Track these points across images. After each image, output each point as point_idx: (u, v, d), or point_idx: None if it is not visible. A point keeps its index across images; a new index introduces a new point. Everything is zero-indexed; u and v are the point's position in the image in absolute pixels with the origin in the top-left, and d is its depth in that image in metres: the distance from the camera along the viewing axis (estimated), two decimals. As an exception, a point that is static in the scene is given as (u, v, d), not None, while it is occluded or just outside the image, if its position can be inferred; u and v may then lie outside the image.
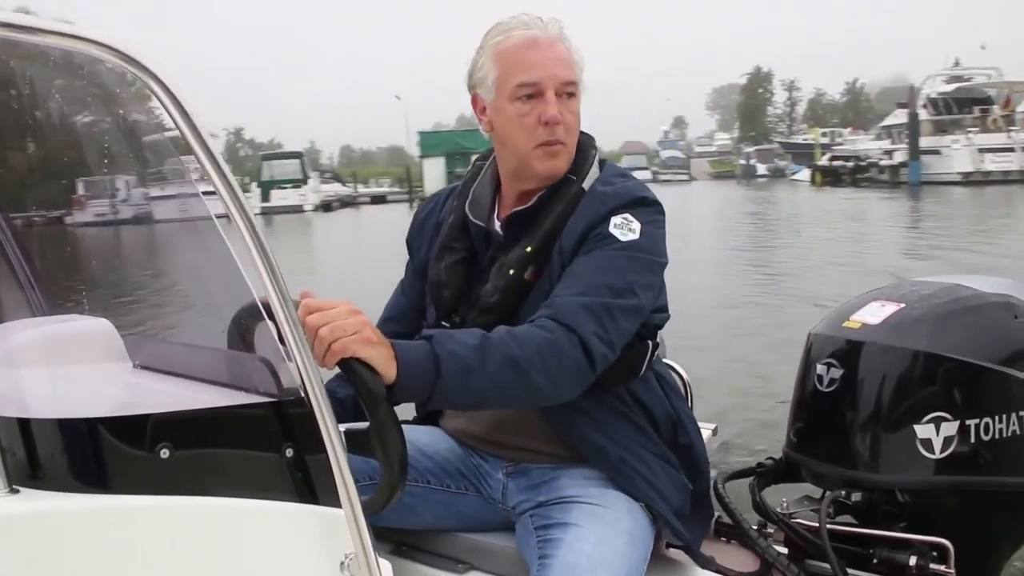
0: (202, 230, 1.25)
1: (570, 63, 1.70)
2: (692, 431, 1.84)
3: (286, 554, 1.24)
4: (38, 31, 1.04)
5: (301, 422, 1.21)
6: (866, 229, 21.06)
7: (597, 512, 1.64)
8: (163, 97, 1.09)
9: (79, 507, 1.13)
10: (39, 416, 1.18)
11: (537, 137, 1.68)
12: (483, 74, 1.72)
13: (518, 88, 1.67)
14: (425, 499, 1.80)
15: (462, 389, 1.41)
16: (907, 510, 1.85)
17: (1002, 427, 1.80)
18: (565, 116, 1.68)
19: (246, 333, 1.37)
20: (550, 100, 1.66)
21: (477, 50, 1.74)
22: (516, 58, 1.67)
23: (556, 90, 1.67)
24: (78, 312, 1.62)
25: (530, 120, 1.67)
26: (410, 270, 1.95)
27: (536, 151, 1.69)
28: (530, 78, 1.66)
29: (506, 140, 1.73)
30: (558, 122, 1.67)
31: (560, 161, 1.71)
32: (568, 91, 1.69)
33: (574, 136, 1.73)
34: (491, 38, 1.72)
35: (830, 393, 1.90)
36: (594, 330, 1.53)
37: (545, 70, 1.66)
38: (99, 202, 11.57)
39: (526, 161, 1.71)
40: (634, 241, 1.63)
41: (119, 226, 1.84)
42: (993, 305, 1.90)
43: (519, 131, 1.69)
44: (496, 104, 1.72)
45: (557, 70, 1.67)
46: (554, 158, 1.70)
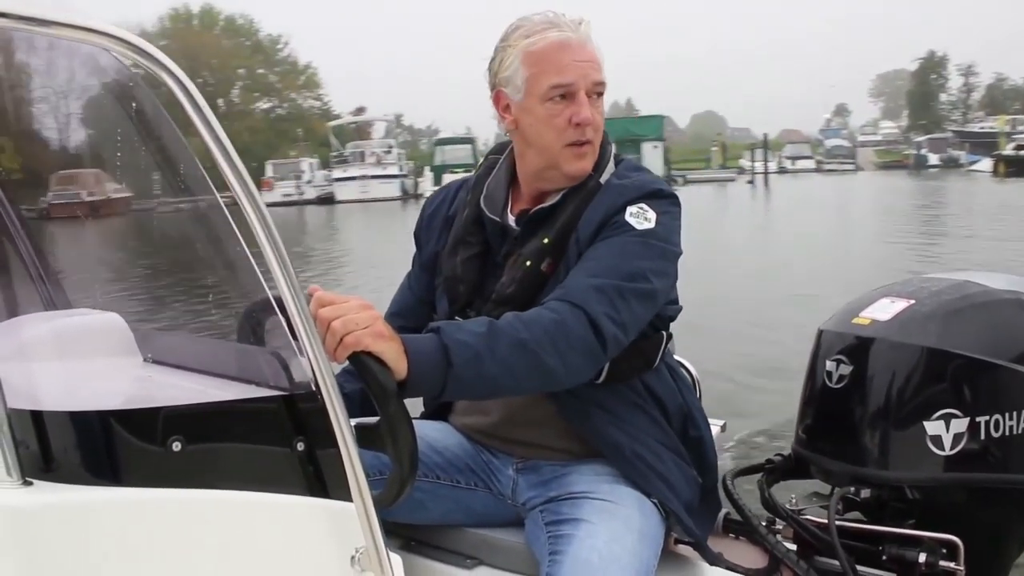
0: (214, 223, 1.25)
1: (599, 64, 1.71)
2: (702, 424, 1.84)
3: (297, 548, 1.24)
4: (50, 23, 1.04)
5: (312, 416, 1.21)
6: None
7: (609, 508, 1.64)
8: (177, 91, 1.10)
9: (92, 500, 1.13)
10: (52, 409, 1.18)
11: (566, 137, 1.69)
12: (510, 73, 1.71)
13: (552, 89, 1.67)
14: (434, 494, 1.81)
15: (474, 377, 1.41)
16: (917, 507, 1.85)
17: (1012, 424, 1.80)
18: (595, 117, 1.70)
19: (257, 327, 1.37)
20: (583, 102, 1.68)
21: (500, 47, 1.73)
22: (549, 59, 1.67)
23: (587, 91, 1.69)
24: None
25: (560, 121, 1.68)
26: (417, 264, 1.95)
27: (565, 151, 1.70)
28: (564, 80, 1.67)
29: (534, 140, 1.73)
30: (589, 123, 1.68)
31: (587, 162, 1.72)
32: (598, 91, 1.71)
33: (600, 135, 1.74)
34: (519, 37, 1.71)
35: (840, 389, 1.90)
36: (604, 310, 1.53)
37: (578, 72, 1.67)
38: (286, 183, 12.16)
39: (554, 161, 1.72)
40: (649, 229, 1.64)
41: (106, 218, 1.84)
42: (1003, 302, 1.90)
43: (549, 131, 1.69)
44: (525, 104, 1.71)
45: (590, 72, 1.69)
46: (582, 159, 1.71)
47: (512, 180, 1.82)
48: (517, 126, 1.75)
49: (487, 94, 1.78)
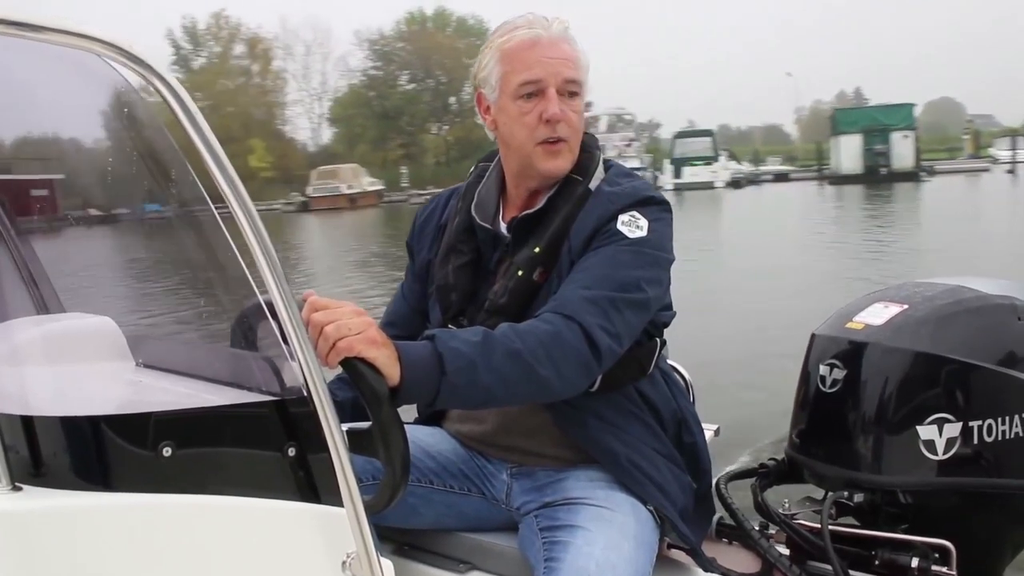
0: (205, 227, 1.25)
1: (573, 62, 1.70)
2: (696, 430, 1.84)
3: (288, 553, 1.24)
4: (43, 29, 1.04)
5: (304, 421, 1.21)
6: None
7: (604, 515, 1.63)
8: (168, 97, 1.09)
9: (81, 505, 1.13)
10: (42, 414, 1.18)
11: (538, 135, 1.68)
12: (487, 73, 1.72)
13: (521, 86, 1.68)
14: (427, 499, 1.80)
15: (467, 386, 1.41)
16: (909, 511, 1.85)
17: (1005, 429, 1.80)
18: (567, 114, 1.68)
19: (249, 332, 1.37)
20: (551, 97, 1.67)
21: (483, 49, 1.75)
22: (519, 57, 1.68)
23: (558, 88, 1.68)
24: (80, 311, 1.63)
25: (531, 118, 1.68)
26: (410, 273, 1.95)
27: (537, 149, 1.69)
28: (532, 76, 1.67)
29: (509, 139, 1.73)
30: (559, 119, 1.67)
31: (562, 160, 1.71)
32: (570, 90, 1.70)
33: (577, 135, 1.73)
34: (497, 37, 1.72)
35: (833, 394, 1.90)
36: (598, 322, 1.53)
37: (547, 68, 1.67)
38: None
39: (528, 160, 1.71)
40: (642, 237, 1.64)
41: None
42: (996, 307, 1.90)
43: (521, 129, 1.69)
44: (500, 103, 1.72)
45: (559, 68, 1.68)
46: (556, 157, 1.70)
47: (502, 187, 1.82)
48: (496, 127, 1.75)
49: (706, 90, 1.78)
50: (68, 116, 1.55)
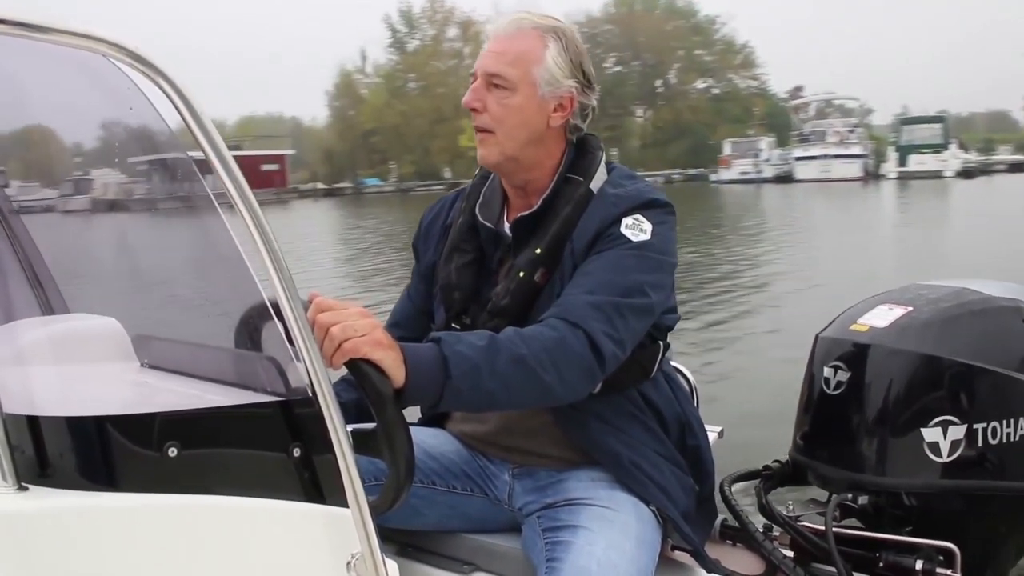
0: (210, 227, 1.25)
1: (504, 55, 1.70)
2: (699, 433, 1.84)
3: (293, 553, 1.24)
4: (48, 30, 1.04)
5: (309, 422, 1.21)
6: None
7: (606, 515, 1.63)
8: (173, 96, 1.09)
9: (87, 505, 1.13)
10: (48, 414, 1.18)
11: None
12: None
13: (470, 77, 1.74)
14: (430, 500, 1.81)
15: (471, 390, 1.41)
16: (914, 514, 1.85)
17: (1010, 431, 1.80)
18: (490, 106, 1.70)
19: (254, 332, 1.37)
20: (471, 87, 1.71)
21: None
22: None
23: (484, 80, 1.70)
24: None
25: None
26: (416, 274, 1.95)
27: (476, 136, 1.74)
28: (474, 68, 1.73)
29: None
30: (470, 106, 1.71)
31: (486, 149, 1.72)
32: (493, 82, 1.70)
33: (504, 128, 1.70)
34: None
35: (837, 396, 1.90)
36: (603, 328, 1.53)
37: (480, 60, 1.72)
38: (743, 161, 27.38)
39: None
40: (645, 241, 1.64)
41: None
42: (1001, 309, 1.90)
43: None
44: None
45: (486, 60, 1.71)
46: (481, 145, 1.73)
47: None
48: None
49: (926, 75, 1.67)
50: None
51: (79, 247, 1.85)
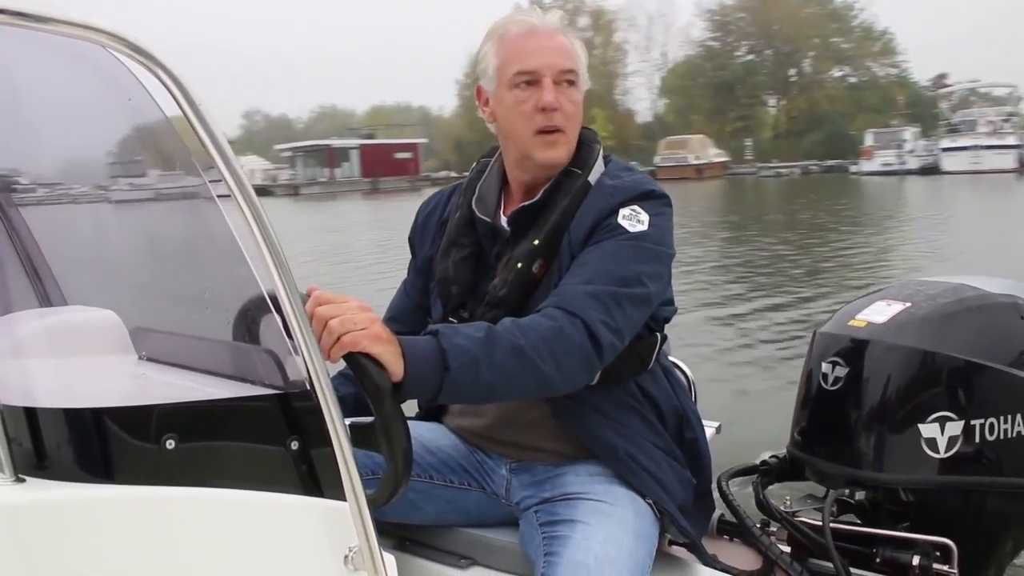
0: (209, 220, 1.25)
1: (568, 52, 1.71)
2: (696, 426, 1.84)
3: (290, 546, 1.24)
4: (47, 20, 1.04)
5: (307, 415, 1.21)
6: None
7: (603, 509, 1.64)
8: (172, 88, 1.09)
9: (84, 497, 1.13)
10: (46, 406, 1.18)
11: (535, 124, 1.69)
12: (484, 65, 1.74)
13: (516, 76, 1.69)
14: (428, 494, 1.81)
15: (470, 382, 1.41)
16: (911, 510, 1.85)
17: (1007, 427, 1.80)
18: (563, 104, 1.69)
19: (252, 325, 1.37)
20: (547, 87, 1.68)
21: (482, 42, 1.76)
22: (515, 46, 1.69)
23: (554, 78, 1.68)
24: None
25: (527, 107, 1.69)
26: (412, 269, 1.95)
27: (535, 139, 1.70)
28: (527, 66, 1.68)
29: (507, 130, 1.74)
30: (555, 108, 1.68)
31: (559, 150, 1.71)
32: (567, 79, 1.70)
33: (574, 125, 1.73)
34: (494, 30, 1.74)
35: (835, 392, 1.90)
36: (600, 318, 1.53)
37: (542, 58, 1.68)
38: (886, 152, 26.31)
39: (526, 150, 1.72)
40: (642, 232, 1.64)
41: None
42: (999, 305, 1.90)
43: (519, 118, 1.70)
44: (497, 94, 1.73)
45: (554, 58, 1.69)
46: (552, 147, 1.70)
47: (504, 181, 1.83)
48: (495, 118, 1.76)
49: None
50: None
51: (77, 239, 1.84)
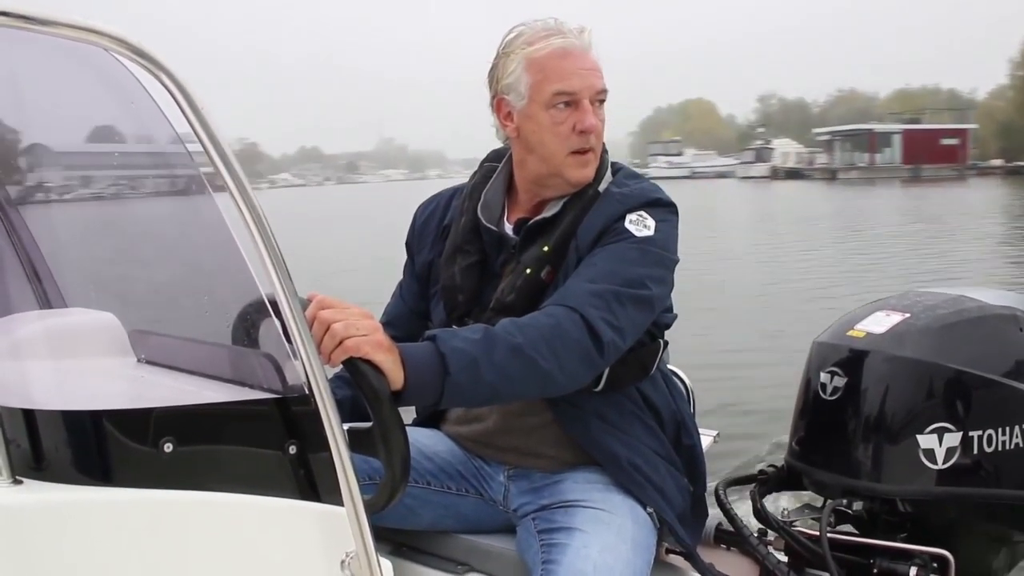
0: (210, 225, 1.25)
1: (601, 73, 1.72)
2: (694, 433, 1.86)
3: (287, 551, 1.24)
4: (49, 23, 1.04)
5: (305, 419, 1.21)
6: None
7: (602, 517, 1.63)
8: (175, 91, 1.09)
9: (82, 499, 1.13)
10: (43, 408, 1.18)
11: (570, 145, 1.70)
12: (512, 80, 1.71)
13: (556, 96, 1.68)
14: (425, 500, 1.80)
15: (472, 384, 1.41)
16: (908, 520, 1.85)
17: (1005, 439, 1.80)
18: (597, 125, 1.71)
19: (251, 329, 1.37)
20: (587, 110, 1.69)
21: (501, 54, 1.73)
22: (552, 66, 1.68)
23: (591, 99, 1.70)
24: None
25: (564, 128, 1.69)
26: (409, 274, 1.95)
27: (568, 159, 1.71)
28: (568, 87, 1.68)
29: (536, 147, 1.73)
30: (593, 131, 1.69)
31: (590, 169, 1.73)
32: (600, 99, 1.72)
33: (600, 142, 1.75)
34: (521, 45, 1.71)
35: (833, 402, 1.90)
36: (600, 314, 1.54)
37: (582, 80, 1.69)
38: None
39: (557, 168, 1.72)
40: (648, 236, 1.65)
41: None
42: (998, 317, 1.90)
43: (553, 138, 1.70)
44: (528, 111, 1.71)
45: (593, 80, 1.70)
46: (585, 167, 1.72)
47: (510, 188, 1.83)
48: (519, 133, 1.74)
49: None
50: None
51: (77, 241, 1.84)
